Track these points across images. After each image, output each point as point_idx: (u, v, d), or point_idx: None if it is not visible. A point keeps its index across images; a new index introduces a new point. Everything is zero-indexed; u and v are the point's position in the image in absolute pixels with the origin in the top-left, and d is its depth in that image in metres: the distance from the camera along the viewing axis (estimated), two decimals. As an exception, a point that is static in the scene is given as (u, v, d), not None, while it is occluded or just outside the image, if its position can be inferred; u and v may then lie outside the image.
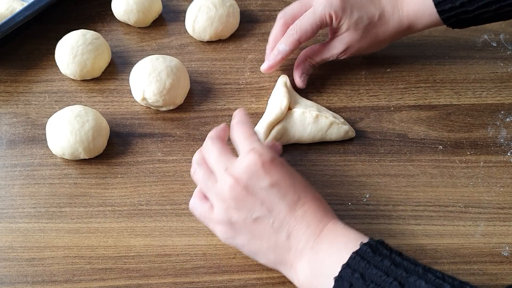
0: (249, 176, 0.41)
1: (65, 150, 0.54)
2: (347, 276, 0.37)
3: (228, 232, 0.43)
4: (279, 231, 0.41)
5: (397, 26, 0.56)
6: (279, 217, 0.41)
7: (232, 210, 0.42)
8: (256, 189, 0.41)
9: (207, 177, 0.45)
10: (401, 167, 0.55)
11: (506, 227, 0.51)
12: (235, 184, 0.41)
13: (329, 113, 0.56)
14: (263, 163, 0.42)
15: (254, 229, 0.42)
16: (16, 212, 0.52)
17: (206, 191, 0.45)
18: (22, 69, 0.64)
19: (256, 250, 0.43)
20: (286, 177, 0.42)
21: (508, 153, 0.56)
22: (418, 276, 0.36)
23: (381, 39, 0.57)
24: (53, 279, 0.48)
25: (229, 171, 0.42)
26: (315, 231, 0.41)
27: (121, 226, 0.51)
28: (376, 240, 0.39)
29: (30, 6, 0.63)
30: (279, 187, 0.42)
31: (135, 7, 0.65)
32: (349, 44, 0.57)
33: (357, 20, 0.55)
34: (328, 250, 0.40)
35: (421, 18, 0.55)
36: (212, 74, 0.63)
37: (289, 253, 0.41)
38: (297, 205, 0.42)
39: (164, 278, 0.48)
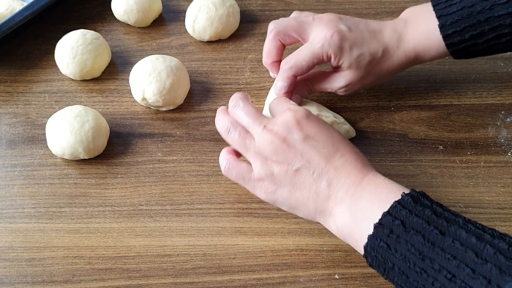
0: (287, 130, 0.43)
1: (65, 150, 0.54)
2: (387, 223, 0.38)
3: (269, 187, 0.44)
4: (319, 181, 0.42)
5: (403, 60, 0.53)
6: (319, 167, 0.42)
7: (273, 164, 0.43)
8: (295, 142, 0.43)
9: (244, 136, 0.45)
10: (401, 167, 0.55)
11: (507, 227, 0.50)
12: (275, 138, 0.43)
13: (330, 113, 0.56)
14: (299, 119, 0.44)
15: (295, 180, 0.43)
16: (16, 212, 0.52)
17: (244, 150, 0.45)
18: (22, 69, 0.64)
19: (296, 202, 0.44)
20: (323, 131, 0.44)
21: (508, 153, 0.56)
22: (458, 226, 0.37)
23: (386, 73, 0.54)
24: (53, 279, 0.48)
25: (267, 128, 0.44)
26: (355, 180, 0.42)
27: (121, 226, 0.51)
28: (418, 191, 0.40)
29: (30, 6, 0.63)
30: (316, 139, 0.43)
31: (135, 7, 0.65)
32: (351, 81, 0.53)
33: (358, 57, 0.52)
34: (369, 199, 0.41)
35: (429, 51, 0.53)
36: (212, 74, 0.63)
37: (329, 201, 0.42)
38: (335, 156, 0.43)
39: (164, 278, 0.48)
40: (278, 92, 0.54)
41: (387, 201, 0.39)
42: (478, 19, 0.49)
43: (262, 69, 0.63)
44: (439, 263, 0.35)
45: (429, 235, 0.36)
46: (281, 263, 0.49)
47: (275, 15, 0.69)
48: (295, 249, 0.49)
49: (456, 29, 0.50)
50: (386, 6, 0.70)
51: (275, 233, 0.50)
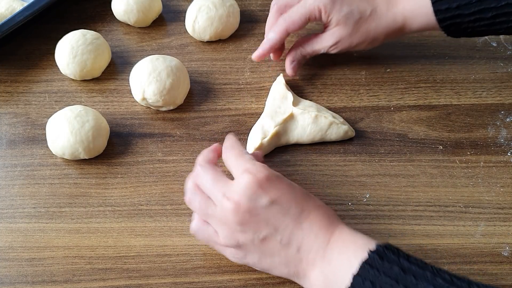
0: (249, 197, 0.41)
1: (65, 150, 0.54)
2: (358, 285, 0.38)
3: (237, 254, 0.43)
4: (288, 246, 0.41)
5: (391, 23, 0.56)
6: (286, 233, 0.41)
7: (238, 233, 0.42)
8: (258, 209, 0.41)
9: (204, 204, 0.43)
10: (401, 167, 0.55)
11: (506, 227, 0.51)
12: (237, 208, 0.41)
13: (329, 113, 0.56)
14: (260, 182, 0.41)
15: (263, 248, 0.42)
16: (16, 212, 0.52)
17: (206, 218, 0.44)
18: (22, 69, 0.64)
19: (268, 266, 0.43)
20: (285, 192, 0.42)
21: (508, 153, 0.56)
22: (427, 282, 0.36)
23: (373, 35, 0.57)
24: (53, 279, 0.48)
25: (227, 196, 0.42)
26: (323, 240, 0.41)
27: (121, 226, 0.51)
28: (383, 246, 0.39)
29: (30, 6, 0.63)
30: (280, 203, 0.41)
31: (135, 7, 0.65)
32: (339, 38, 0.56)
33: (347, 14, 0.55)
34: (338, 259, 0.40)
35: (417, 16, 0.54)
36: (212, 74, 0.63)
37: (300, 264, 0.42)
38: (301, 217, 0.42)
39: (164, 278, 0.48)
40: (266, 42, 0.58)
41: (356, 261, 0.39)
42: None
43: (262, 69, 0.63)
44: None
45: None
46: (281, 263, 0.48)
47: (275, 15, 0.69)
48: (295, 249, 0.49)
49: None
50: None
51: (275, 233, 0.50)
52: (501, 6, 0.50)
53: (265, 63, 0.64)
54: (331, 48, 0.58)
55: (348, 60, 0.63)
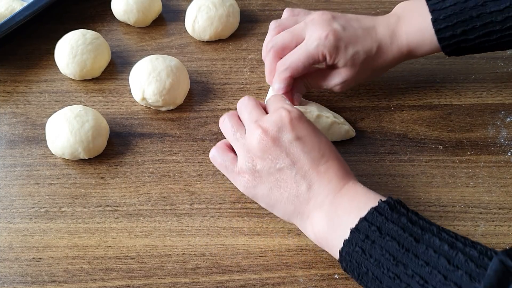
0: (277, 128, 0.44)
1: (65, 150, 0.53)
2: (363, 229, 0.39)
3: (250, 182, 0.45)
4: (300, 183, 0.43)
5: (397, 55, 0.54)
6: (302, 170, 0.43)
7: (258, 159, 0.44)
8: (283, 141, 0.43)
9: (236, 127, 0.47)
10: (401, 167, 0.55)
11: (507, 227, 0.50)
12: (263, 135, 0.43)
13: (330, 113, 0.56)
14: (291, 119, 0.44)
15: (276, 179, 0.44)
16: (15, 212, 0.52)
17: (233, 141, 0.46)
18: (22, 69, 0.64)
19: (275, 200, 0.44)
20: (312, 135, 0.44)
21: (508, 153, 0.56)
22: (432, 234, 0.37)
23: (380, 68, 0.55)
24: (53, 279, 0.48)
25: (258, 123, 0.44)
26: (335, 187, 0.43)
27: (121, 226, 0.51)
28: (394, 199, 0.40)
29: (30, 6, 0.63)
30: (304, 142, 0.44)
31: (135, 7, 0.65)
32: (346, 78, 0.54)
33: (354, 55, 0.52)
34: (347, 205, 0.42)
35: (422, 46, 0.53)
36: (212, 74, 0.63)
37: (307, 204, 0.43)
38: (320, 161, 0.43)
39: (164, 278, 0.48)
40: (276, 94, 0.53)
41: (365, 208, 0.40)
42: (470, 14, 0.50)
43: (262, 69, 0.63)
44: (412, 269, 0.36)
45: (404, 241, 0.37)
46: (281, 263, 0.48)
47: (275, 15, 0.69)
48: (295, 249, 0.49)
49: (448, 24, 0.50)
50: (386, 6, 0.70)
51: (275, 233, 0.50)
52: (506, 28, 0.49)
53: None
54: (337, 87, 0.55)
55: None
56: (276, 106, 0.46)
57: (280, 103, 0.47)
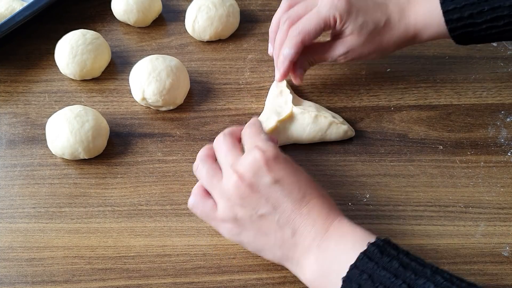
0: (253, 173, 0.41)
1: (65, 150, 0.53)
2: (355, 277, 0.37)
3: (233, 229, 0.43)
4: (284, 228, 0.41)
5: (403, 34, 0.54)
6: (285, 214, 0.41)
7: (237, 207, 0.42)
8: (261, 186, 0.41)
9: (211, 174, 0.44)
10: (401, 167, 0.55)
11: (507, 227, 0.50)
12: (240, 181, 0.41)
13: (328, 113, 0.56)
14: (267, 160, 0.42)
15: (259, 225, 0.42)
16: (16, 212, 0.52)
17: (210, 188, 0.45)
18: (22, 69, 0.64)
19: (261, 247, 0.43)
20: (290, 174, 0.42)
21: (508, 153, 0.56)
22: (426, 279, 0.36)
23: (385, 46, 0.55)
24: (53, 279, 0.48)
25: (234, 168, 0.42)
26: (321, 229, 0.41)
27: (121, 226, 0.51)
28: (383, 239, 0.39)
29: (30, 6, 0.63)
30: (283, 184, 0.42)
31: (135, 7, 0.65)
32: (351, 48, 0.54)
33: (362, 24, 0.53)
34: (335, 249, 0.40)
35: (429, 27, 0.53)
36: (212, 74, 0.63)
37: (295, 249, 0.42)
38: (302, 202, 0.42)
39: (164, 278, 0.48)
40: (283, 60, 0.54)
41: (353, 252, 0.38)
42: None
43: (262, 69, 0.63)
44: None
45: None
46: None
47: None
48: (295, 249, 0.49)
49: (457, 6, 0.50)
50: None
51: (275, 233, 0.50)
52: None
53: (265, 63, 0.64)
54: (341, 57, 0.55)
55: (348, 60, 0.63)
56: (250, 144, 0.44)
57: (255, 140, 0.44)
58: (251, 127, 0.46)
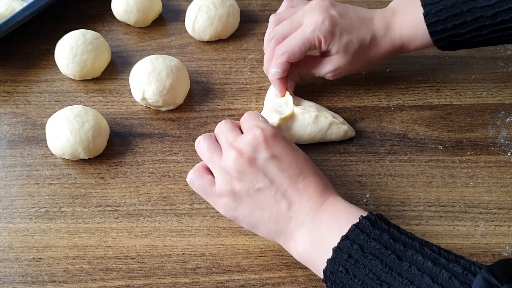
0: (252, 148, 0.43)
1: (65, 150, 0.53)
2: (346, 247, 0.38)
3: (230, 204, 0.44)
4: (280, 202, 0.43)
5: (389, 48, 0.55)
6: (281, 189, 0.43)
7: (235, 181, 0.43)
8: (259, 161, 0.43)
9: (212, 148, 0.46)
10: (401, 167, 0.55)
11: (507, 227, 0.51)
12: (239, 156, 0.43)
13: (329, 113, 0.56)
14: (266, 137, 0.43)
15: (256, 199, 0.43)
16: (16, 212, 0.52)
17: (209, 163, 0.46)
18: (22, 69, 0.64)
19: (257, 221, 0.44)
20: (288, 151, 0.44)
21: (508, 153, 0.56)
22: (415, 250, 0.37)
23: (372, 60, 0.56)
24: (53, 279, 0.48)
25: (233, 145, 0.44)
26: (316, 204, 0.43)
27: (121, 226, 0.51)
28: (375, 214, 0.40)
29: (30, 6, 0.63)
30: (281, 160, 0.43)
31: (135, 7, 0.65)
32: (338, 66, 0.55)
33: (347, 44, 0.53)
34: (329, 223, 0.41)
35: (414, 40, 0.54)
36: (212, 74, 0.63)
37: (289, 223, 0.43)
38: (298, 179, 0.43)
39: (164, 278, 0.48)
40: (272, 78, 0.56)
41: (346, 225, 0.40)
42: (461, 9, 0.50)
43: (262, 69, 0.63)
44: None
45: (387, 260, 0.37)
46: (281, 263, 0.48)
47: (275, 15, 0.69)
48: (295, 249, 0.49)
49: (440, 18, 0.51)
50: (385, 6, 0.70)
51: (275, 233, 0.50)
52: (497, 23, 0.50)
53: (265, 63, 0.64)
54: (329, 74, 0.56)
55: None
56: (250, 124, 0.46)
57: (254, 121, 0.46)
58: (250, 113, 0.48)
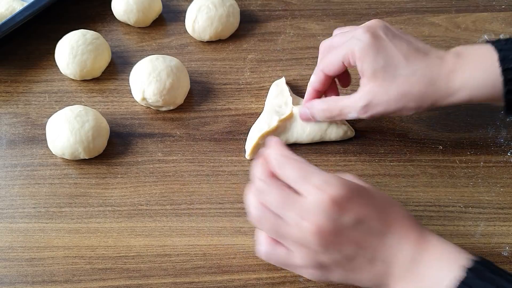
0: (329, 218, 0.37)
1: (65, 150, 0.54)
2: None
3: (317, 273, 0.40)
4: (374, 262, 0.39)
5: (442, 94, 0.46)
6: (371, 249, 0.39)
7: (319, 254, 0.39)
8: (341, 229, 0.38)
9: (276, 224, 0.39)
10: (401, 167, 0.55)
11: (506, 227, 0.51)
12: (318, 230, 0.37)
13: (329, 113, 0.56)
14: (336, 201, 0.37)
15: (347, 266, 0.39)
16: (16, 212, 0.52)
17: (280, 239, 0.40)
18: (22, 69, 0.64)
19: (352, 282, 0.40)
20: (365, 205, 0.39)
21: (508, 153, 0.56)
22: None
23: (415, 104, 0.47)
24: (53, 279, 0.48)
25: (303, 217, 0.38)
26: (411, 254, 0.39)
27: (121, 226, 0.51)
28: (479, 262, 0.38)
29: (30, 6, 0.63)
30: (362, 219, 0.38)
31: (135, 7, 0.65)
32: (371, 95, 0.47)
33: (385, 67, 0.46)
34: (430, 275, 0.38)
35: (478, 89, 0.46)
36: (212, 74, 0.63)
37: (388, 279, 0.39)
38: (386, 231, 0.39)
39: (164, 278, 0.48)
40: (308, 88, 0.53)
41: (451, 278, 0.37)
42: None
43: (262, 69, 0.63)
44: None
45: None
46: (281, 263, 0.49)
47: (275, 15, 0.69)
48: (295, 249, 0.49)
49: None
50: (386, 6, 0.70)
51: (275, 233, 0.50)
52: None
53: (265, 63, 0.64)
54: (362, 111, 0.48)
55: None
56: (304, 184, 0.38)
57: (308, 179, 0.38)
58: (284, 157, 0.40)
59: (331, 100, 0.51)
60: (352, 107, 0.49)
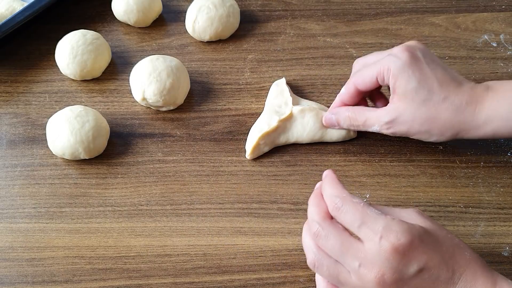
0: (392, 268, 0.36)
1: (65, 150, 0.54)
2: None
3: None
4: None
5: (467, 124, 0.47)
6: None
7: None
8: (405, 280, 0.37)
9: (335, 270, 0.39)
10: (401, 167, 0.55)
11: (506, 227, 0.51)
12: (381, 280, 0.36)
13: (329, 113, 0.56)
14: (401, 250, 0.36)
15: None
16: (16, 212, 0.52)
17: (339, 285, 0.40)
18: (22, 69, 0.64)
19: None
20: (431, 253, 0.37)
21: (508, 153, 0.56)
22: None
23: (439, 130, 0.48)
24: (53, 279, 0.48)
25: (365, 265, 0.37)
26: None
27: (121, 226, 0.51)
28: None
29: (30, 6, 0.63)
30: (428, 268, 0.37)
31: (135, 7, 0.65)
32: (398, 112, 0.48)
33: (417, 88, 0.46)
34: None
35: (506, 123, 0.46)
36: (212, 74, 0.63)
37: None
38: (453, 280, 0.37)
39: (164, 278, 0.48)
40: (336, 98, 0.53)
41: None
42: None
43: (262, 69, 0.64)
44: None
45: None
46: (281, 263, 0.49)
47: (275, 15, 0.69)
48: (295, 249, 0.49)
49: None
50: (386, 7, 0.70)
51: (275, 233, 0.51)
52: None
53: (265, 64, 0.64)
54: (385, 126, 0.49)
55: (348, 59, 0.63)
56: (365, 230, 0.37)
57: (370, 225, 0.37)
58: (354, 213, 0.38)
59: (358, 109, 0.52)
60: (377, 121, 0.50)
